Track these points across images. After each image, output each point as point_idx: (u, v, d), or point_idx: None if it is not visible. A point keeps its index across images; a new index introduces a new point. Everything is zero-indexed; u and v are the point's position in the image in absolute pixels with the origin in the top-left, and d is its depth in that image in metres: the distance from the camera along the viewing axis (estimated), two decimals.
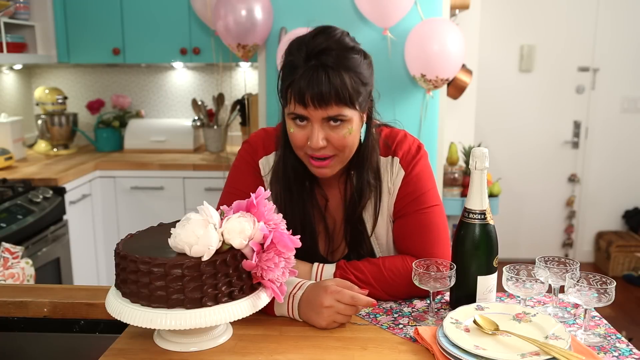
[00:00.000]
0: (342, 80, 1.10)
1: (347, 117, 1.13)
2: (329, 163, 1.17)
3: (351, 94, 1.11)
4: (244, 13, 2.39)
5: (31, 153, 3.24)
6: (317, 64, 1.09)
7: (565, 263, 1.12)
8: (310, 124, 1.13)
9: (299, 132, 1.15)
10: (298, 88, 1.10)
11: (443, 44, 2.28)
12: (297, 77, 1.10)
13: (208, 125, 3.29)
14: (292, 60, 1.13)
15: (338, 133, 1.13)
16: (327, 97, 1.09)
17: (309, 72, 1.09)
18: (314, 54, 1.10)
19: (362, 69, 1.14)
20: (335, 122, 1.13)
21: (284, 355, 0.98)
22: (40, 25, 3.05)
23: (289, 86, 1.12)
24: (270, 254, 0.96)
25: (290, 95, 1.12)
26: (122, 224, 3.03)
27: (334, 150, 1.15)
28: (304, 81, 1.09)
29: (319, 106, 1.10)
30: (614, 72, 4.10)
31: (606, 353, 0.98)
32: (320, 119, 1.12)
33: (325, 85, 1.08)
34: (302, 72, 1.10)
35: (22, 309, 1.21)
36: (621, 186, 4.26)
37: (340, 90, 1.09)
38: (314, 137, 1.13)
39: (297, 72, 1.11)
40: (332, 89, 1.09)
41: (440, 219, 1.25)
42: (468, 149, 3.07)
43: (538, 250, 4.10)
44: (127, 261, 0.94)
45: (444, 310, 1.17)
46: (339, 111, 1.11)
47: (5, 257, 1.72)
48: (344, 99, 1.10)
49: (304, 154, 1.18)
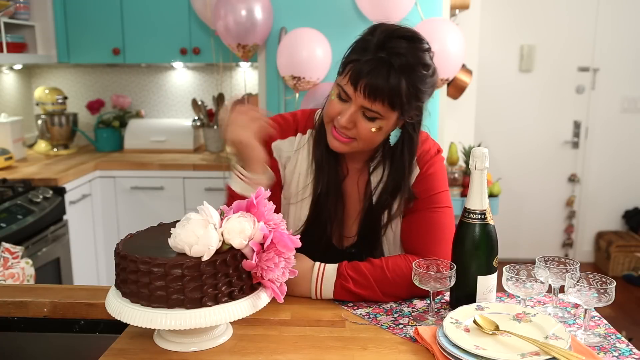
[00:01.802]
0: (400, 85, 1.11)
1: (384, 116, 1.15)
2: (346, 141, 1.19)
3: (402, 102, 1.13)
4: (244, 13, 2.39)
5: (31, 153, 3.24)
6: (386, 58, 1.10)
7: (565, 263, 1.12)
8: (349, 104, 1.16)
9: (337, 104, 1.18)
10: (358, 70, 1.11)
11: (443, 44, 2.28)
12: (363, 59, 1.11)
13: (208, 125, 3.29)
14: (369, 40, 1.13)
15: (367, 124, 1.16)
16: (378, 94, 1.11)
17: (375, 61, 1.10)
18: (391, 47, 1.11)
19: (425, 86, 1.15)
20: (369, 115, 1.15)
21: (284, 355, 0.98)
22: (40, 25, 3.05)
23: (352, 62, 1.13)
24: (270, 254, 0.96)
25: (347, 71, 1.14)
26: (122, 224, 3.03)
27: (355, 135, 1.18)
28: (367, 67, 1.10)
29: (366, 97, 1.12)
30: (614, 72, 4.10)
31: (606, 353, 0.98)
32: (360, 106, 1.14)
33: (383, 81, 1.10)
34: (370, 57, 1.11)
35: (22, 309, 1.21)
36: (621, 186, 4.26)
37: (393, 93, 1.11)
38: (345, 117, 1.15)
39: (365, 54, 1.12)
40: (387, 89, 1.11)
41: (449, 221, 1.27)
42: (468, 149, 3.07)
43: (538, 250, 4.09)
44: (127, 261, 0.94)
45: (444, 310, 1.17)
46: (381, 109, 1.13)
47: (5, 257, 1.72)
48: (392, 103, 1.12)
49: (329, 123, 1.21)
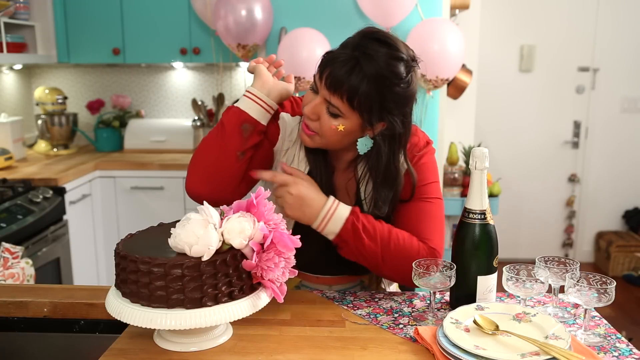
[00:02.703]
0: (360, 85, 1.09)
1: (345, 115, 1.14)
2: (309, 134, 1.19)
3: (362, 104, 1.11)
4: (244, 13, 2.39)
5: (31, 153, 3.24)
6: (357, 56, 1.10)
7: (565, 263, 1.12)
8: (317, 96, 1.16)
9: (309, 95, 1.18)
10: (327, 60, 1.12)
11: (443, 44, 2.29)
12: (336, 52, 1.12)
13: (208, 125, 3.29)
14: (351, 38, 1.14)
15: (329, 120, 1.15)
16: (337, 86, 1.10)
17: (345, 56, 1.10)
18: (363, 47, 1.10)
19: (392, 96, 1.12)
20: (331, 110, 1.14)
21: (284, 355, 0.98)
22: (40, 25, 3.05)
23: (326, 54, 1.14)
24: (270, 254, 0.96)
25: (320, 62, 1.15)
26: (122, 224, 3.03)
27: (317, 129, 1.17)
28: (332, 58, 1.12)
29: (327, 87, 1.12)
30: (614, 72, 4.10)
31: (606, 353, 0.98)
32: (324, 98, 1.14)
33: (344, 75, 1.09)
34: (344, 51, 1.11)
35: (22, 309, 1.21)
36: (621, 186, 4.26)
37: (352, 91, 1.10)
38: (309, 106, 1.16)
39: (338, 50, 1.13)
40: (347, 85, 1.10)
41: (440, 212, 1.26)
42: (468, 149, 3.07)
43: (538, 250, 4.09)
44: (127, 261, 0.94)
45: (444, 310, 1.17)
46: (340, 105, 1.12)
47: (5, 257, 1.72)
48: (350, 101, 1.11)
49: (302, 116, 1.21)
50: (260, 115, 1.22)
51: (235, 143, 1.20)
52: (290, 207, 1.16)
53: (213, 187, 1.21)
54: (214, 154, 1.22)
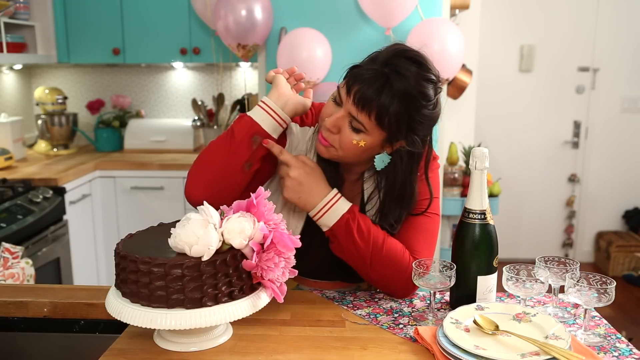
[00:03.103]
0: (390, 104, 1.08)
1: (369, 131, 1.12)
2: (326, 145, 1.17)
3: (390, 123, 1.09)
4: (244, 13, 2.39)
5: (31, 153, 3.24)
6: (387, 73, 1.08)
7: (565, 263, 1.12)
8: (340, 109, 1.14)
9: (331, 107, 1.16)
10: (356, 75, 1.10)
11: (443, 44, 2.28)
12: (365, 67, 1.10)
13: (208, 125, 3.29)
14: (380, 53, 1.12)
15: (350, 135, 1.13)
16: (366, 104, 1.08)
17: (375, 72, 1.08)
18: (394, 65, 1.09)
19: (420, 117, 1.11)
20: (354, 125, 1.12)
21: (284, 355, 0.98)
22: (40, 25, 3.05)
23: (354, 67, 1.12)
24: (270, 254, 0.96)
25: (346, 76, 1.13)
26: (122, 224, 3.03)
27: (336, 142, 1.15)
28: (365, 75, 1.09)
29: (354, 103, 1.10)
30: (614, 72, 4.10)
31: (606, 353, 0.98)
32: (348, 113, 1.12)
33: (374, 93, 1.07)
34: (373, 68, 1.09)
35: (22, 309, 1.21)
36: (621, 186, 4.26)
37: (382, 110, 1.08)
38: (331, 119, 1.13)
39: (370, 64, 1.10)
40: (376, 102, 1.08)
41: (436, 228, 1.26)
42: (468, 149, 3.07)
43: (538, 250, 4.10)
44: (127, 261, 0.94)
45: (444, 310, 1.17)
46: (366, 122, 1.10)
47: (5, 257, 1.72)
48: (379, 120, 1.09)
49: (320, 126, 1.19)
50: (272, 128, 1.19)
51: (244, 154, 1.18)
52: (287, 189, 1.17)
53: (214, 195, 1.18)
54: (220, 162, 1.19)
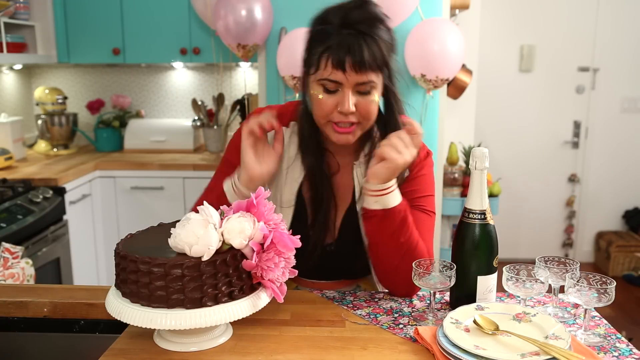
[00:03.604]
0: (378, 46, 1.11)
1: (376, 84, 1.15)
2: (351, 130, 1.17)
3: (386, 61, 1.14)
4: (244, 13, 2.39)
5: (31, 153, 3.24)
6: (353, 32, 1.10)
7: (565, 263, 1.12)
8: (341, 91, 1.14)
9: (328, 99, 1.15)
10: (337, 54, 1.10)
11: (443, 44, 2.28)
12: (334, 43, 1.10)
13: (208, 125, 3.29)
14: (325, 28, 1.13)
15: (367, 100, 1.15)
16: (367, 63, 1.10)
17: (347, 39, 1.10)
18: (350, 22, 1.11)
19: (392, 40, 1.17)
20: (364, 90, 1.14)
21: (284, 355, 0.98)
22: (40, 25, 3.05)
23: (324, 52, 1.12)
24: (270, 254, 0.96)
25: (325, 62, 1.12)
26: (122, 224, 3.03)
27: (359, 118, 1.16)
28: (343, 48, 1.10)
29: (357, 72, 1.11)
30: (614, 72, 4.10)
31: (606, 353, 0.98)
32: (353, 85, 1.13)
33: (365, 52, 1.10)
34: (340, 38, 1.10)
35: (22, 309, 1.21)
36: (621, 186, 4.26)
37: (377, 56, 1.11)
38: (346, 102, 1.13)
39: (332, 38, 1.11)
40: (370, 55, 1.10)
41: (433, 226, 1.28)
42: (468, 149, 3.07)
43: (538, 250, 4.09)
44: (127, 261, 0.94)
45: (444, 310, 1.17)
46: (371, 77, 1.13)
47: (5, 257, 1.72)
48: (380, 66, 1.13)
49: (327, 122, 1.18)
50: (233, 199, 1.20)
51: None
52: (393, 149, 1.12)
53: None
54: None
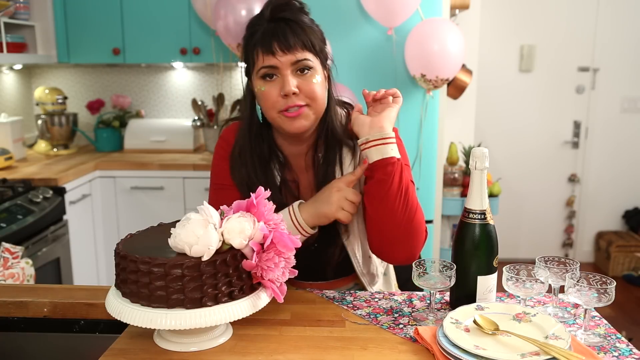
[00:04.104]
0: (303, 29, 1.18)
1: (313, 64, 1.19)
2: (302, 111, 1.19)
3: (312, 41, 1.19)
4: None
5: (31, 153, 3.24)
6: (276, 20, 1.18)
7: (565, 263, 1.13)
8: (280, 76, 1.18)
9: (271, 88, 1.19)
10: (263, 39, 1.17)
11: (443, 44, 2.28)
12: (260, 34, 1.17)
13: (208, 125, 3.29)
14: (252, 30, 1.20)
15: (307, 79, 1.19)
16: (293, 41, 1.16)
17: (271, 26, 1.17)
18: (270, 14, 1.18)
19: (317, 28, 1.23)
20: (302, 69, 1.18)
21: (284, 355, 0.98)
22: (40, 25, 3.05)
23: (255, 45, 1.18)
24: (270, 254, 0.96)
25: (257, 51, 1.18)
26: (122, 224, 3.03)
27: (305, 100, 1.19)
28: (268, 33, 1.16)
29: (287, 50, 1.16)
30: (614, 72, 4.10)
31: (606, 353, 0.98)
32: (289, 65, 1.17)
33: (289, 32, 1.16)
34: (265, 27, 1.17)
35: (22, 309, 1.21)
36: (621, 186, 4.26)
37: (302, 35, 1.17)
38: (287, 83, 1.17)
39: (259, 32, 1.18)
40: (296, 34, 1.17)
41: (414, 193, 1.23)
42: (468, 149, 3.07)
43: (538, 250, 4.10)
44: (127, 261, 0.94)
45: (444, 310, 1.17)
46: (305, 55, 1.17)
47: (5, 257, 1.72)
48: (308, 44, 1.18)
49: (277, 112, 1.20)
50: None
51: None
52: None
53: None
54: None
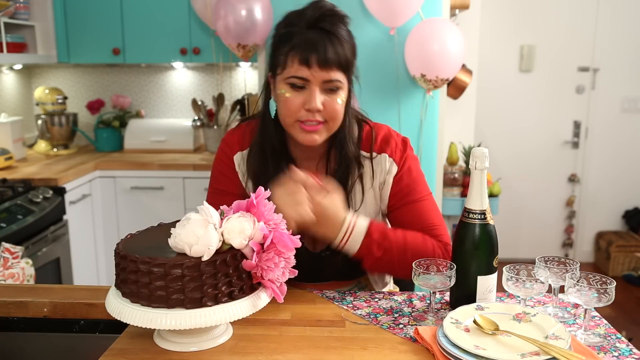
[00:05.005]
0: (342, 46, 1.15)
1: (342, 84, 1.17)
2: (318, 128, 1.19)
3: (349, 61, 1.17)
4: (244, 13, 2.39)
5: (31, 153, 3.24)
6: (318, 30, 1.14)
7: (565, 263, 1.12)
8: (308, 89, 1.16)
9: (295, 97, 1.17)
10: (301, 50, 1.13)
11: (443, 44, 2.28)
12: (299, 41, 1.13)
13: (208, 125, 3.29)
14: (291, 30, 1.16)
15: (333, 99, 1.17)
16: (331, 60, 1.13)
17: (311, 36, 1.13)
18: (314, 22, 1.14)
19: (353, 41, 1.20)
20: (331, 89, 1.17)
21: (284, 355, 0.98)
22: (40, 25, 3.05)
23: (290, 50, 1.14)
24: (270, 254, 0.96)
25: (291, 59, 1.14)
26: (122, 224, 3.03)
27: (326, 117, 1.18)
28: (308, 44, 1.13)
29: (322, 68, 1.13)
30: (614, 72, 4.10)
31: (606, 353, 0.98)
32: (320, 82, 1.15)
33: (329, 48, 1.13)
34: (305, 36, 1.13)
35: (22, 309, 1.21)
36: (621, 186, 4.26)
37: (340, 53, 1.15)
38: (314, 99, 1.15)
39: (297, 37, 1.14)
40: (335, 53, 1.14)
41: (434, 206, 1.29)
42: (468, 149, 3.07)
43: (538, 250, 4.09)
44: (127, 261, 0.94)
45: (444, 310, 1.17)
46: (337, 76, 1.16)
47: (5, 257, 1.72)
48: (344, 65, 1.16)
49: (294, 121, 1.19)
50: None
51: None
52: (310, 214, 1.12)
53: None
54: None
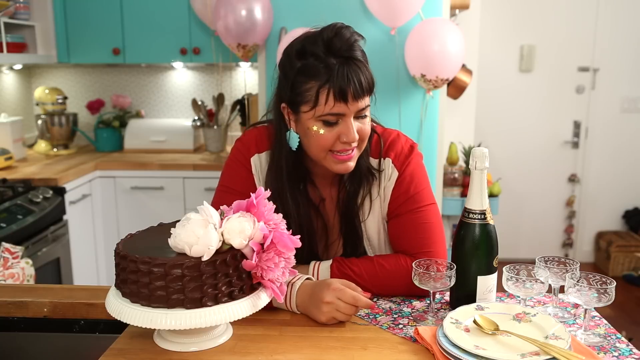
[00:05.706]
0: (368, 70, 1.13)
1: (368, 106, 1.16)
2: (353, 154, 1.18)
3: (374, 83, 1.15)
4: (244, 13, 2.39)
5: (31, 153, 3.24)
6: (340, 59, 1.10)
7: (565, 263, 1.12)
8: (342, 121, 1.13)
9: (330, 132, 1.13)
10: (337, 87, 1.09)
11: (443, 44, 2.28)
12: (330, 77, 1.09)
13: (208, 125, 3.29)
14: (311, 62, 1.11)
15: (363, 123, 1.16)
16: (365, 90, 1.12)
17: (340, 69, 1.09)
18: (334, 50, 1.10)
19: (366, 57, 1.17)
20: (363, 114, 1.15)
21: (284, 355, 0.98)
22: (40, 25, 3.05)
23: (322, 86, 1.09)
24: (270, 254, 0.96)
25: (325, 97, 1.10)
26: (122, 224, 3.03)
27: (358, 142, 1.17)
28: (340, 79, 1.09)
29: (358, 99, 1.11)
30: (614, 72, 4.10)
31: (606, 353, 0.98)
32: (354, 112, 1.13)
33: (362, 78, 1.11)
34: (334, 70, 1.09)
35: (22, 309, 1.21)
36: (621, 186, 4.26)
37: (370, 81, 1.13)
38: (352, 132, 1.13)
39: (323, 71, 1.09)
40: (366, 80, 1.12)
41: (435, 218, 1.25)
42: (468, 149, 3.07)
43: (538, 250, 4.09)
44: (127, 261, 0.94)
45: (444, 310, 1.17)
46: (367, 102, 1.15)
47: (5, 257, 1.72)
48: (371, 89, 1.15)
49: (327, 153, 1.16)
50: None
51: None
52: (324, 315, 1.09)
53: None
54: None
